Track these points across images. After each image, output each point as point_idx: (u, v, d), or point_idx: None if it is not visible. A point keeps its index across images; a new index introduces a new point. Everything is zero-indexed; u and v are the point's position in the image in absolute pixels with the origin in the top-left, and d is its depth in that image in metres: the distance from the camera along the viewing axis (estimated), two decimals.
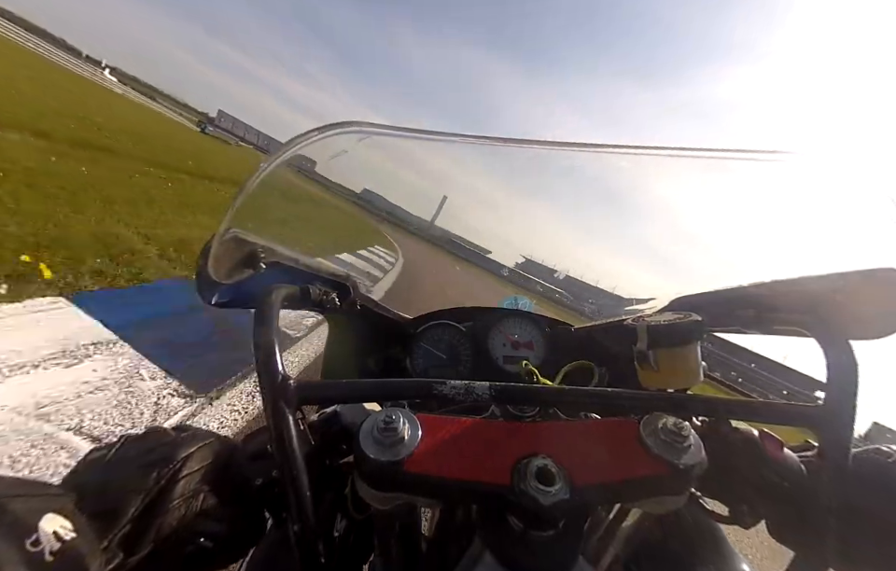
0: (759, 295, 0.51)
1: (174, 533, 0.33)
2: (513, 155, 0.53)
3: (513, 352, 0.81)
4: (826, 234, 0.55)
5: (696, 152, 0.52)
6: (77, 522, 0.28)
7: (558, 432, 0.38)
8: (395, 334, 0.83)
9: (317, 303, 0.57)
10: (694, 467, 0.35)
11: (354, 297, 0.67)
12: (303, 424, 0.43)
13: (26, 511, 0.26)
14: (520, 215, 0.76)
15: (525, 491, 0.32)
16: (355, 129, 0.48)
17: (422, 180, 0.71)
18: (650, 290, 0.76)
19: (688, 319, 0.49)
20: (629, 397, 0.40)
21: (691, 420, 0.44)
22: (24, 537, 0.24)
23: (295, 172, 0.51)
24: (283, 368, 0.36)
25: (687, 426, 0.36)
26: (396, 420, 0.36)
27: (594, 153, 0.53)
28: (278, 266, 0.55)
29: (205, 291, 0.50)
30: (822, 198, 0.53)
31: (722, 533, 0.59)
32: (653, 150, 0.52)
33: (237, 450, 0.40)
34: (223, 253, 0.49)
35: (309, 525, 0.32)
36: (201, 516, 0.35)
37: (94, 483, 0.32)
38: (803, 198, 0.55)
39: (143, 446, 0.35)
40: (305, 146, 0.47)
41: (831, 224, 0.54)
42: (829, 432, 0.37)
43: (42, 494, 0.28)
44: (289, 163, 0.47)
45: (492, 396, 0.39)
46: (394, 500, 0.36)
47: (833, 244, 0.52)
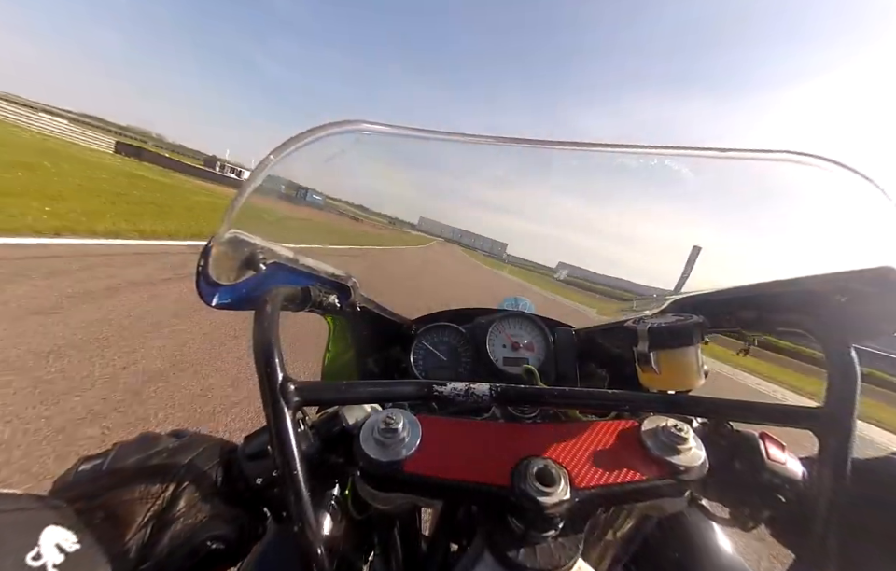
0: (759, 295, 0.51)
1: (181, 539, 0.33)
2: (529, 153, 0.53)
3: (514, 353, 0.81)
4: (826, 234, 0.55)
5: (696, 152, 0.52)
6: (81, 535, 0.27)
7: (558, 433, 0.38)
8: (395, 335, 0.83)
9: (318, 304, 0.56)
10: (695, 470, 0.35)
11: (354, 298, 0.67)
12: (304, 425, 0.43)
13: (24, 525, 0.25)
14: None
15: (525, 492, 0.32)
16: (351, 127, 0.48)
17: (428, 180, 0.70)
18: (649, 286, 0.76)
19: (689, 320, 0.49)
20: (630, 399, 0.40)
21: (691, 422, 0.44)
22: (25, 552, 0.23)
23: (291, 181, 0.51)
24: (283, 369, 0.36)
25: (688, 428, 0.36)
26: (396, 420, 0.36)
27: (594, 152, 0.53)
28: (278, 267, 0.55)
29: (205, 292, 0.50)
30: (823, 198, 0.52)
31: (723, 535, 0.58)
32: (654, 150, 0.52)
33: (237, 450, 0.41)
34: (223, 254, 0.49)
35: (309, 525, 0.32)
36: (206, 520, 0.35)
37: (96, 494, 0.31)
38: (803, 198, 0.55)
39: (140, 453, 0.35)
40: (305, 146, 0.47)
41: (831, 224, 0.54)
42: (829, 433, 0.36)
43: (37, 507, 0.27)
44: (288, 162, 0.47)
45: (492, 397, 0.39)
46: (394, 500, 0.36)
47: (833, 245, 0.52)
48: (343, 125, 0.48)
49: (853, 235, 0.50)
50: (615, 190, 0.57)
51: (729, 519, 0.44)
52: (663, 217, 0.67)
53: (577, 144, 0.53)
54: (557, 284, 1.42)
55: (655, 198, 0.58)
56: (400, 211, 0.96)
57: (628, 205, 0.62)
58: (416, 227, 6.45)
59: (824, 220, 0.54)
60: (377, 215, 1.29)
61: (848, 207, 0.49)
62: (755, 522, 0.42)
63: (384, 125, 0.51)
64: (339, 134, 0.48)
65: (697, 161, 0.53)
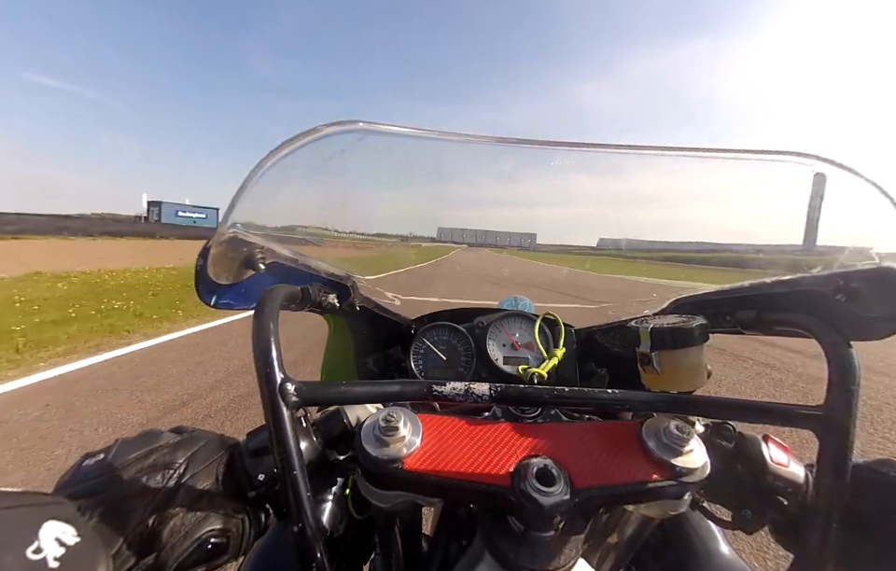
0: (760, 295, 0.51)
1: (182, 533, 0.33)
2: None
3: (514, 353, 0.80)
4: (827, 234, 0.54)
5: (696, 152, 0.52)
6: (82, 529, 0.27)
7: (559, 434, 0.38)
8: (395, 334, 0.83)
9: (317, 303, 0.56)
10: (696, 472, 0.34)
11: (353, 297, 0.67)
12: (305, 423, 0.43)
13: (24, 520, 0.25)
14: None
15: (525, 492, 0.31)
16: (351, 128, 0.48)
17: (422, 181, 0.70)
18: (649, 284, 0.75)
19: (692, 321, 0.48)
20: (630, 399, 0.40)
21: (693, 423, 0.43)
22: (25, 546, 0.24)
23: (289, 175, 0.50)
24: (282, 369, 0.36)
25: (689, 430, 0.36)
26: (397, 419, 0.36)
27: (594, 152, 0.53)
28: (277, 266, 0.55)
29: (204, 292, 0.50)
30: (823, 198, 0.52)
31: (724, 537, 0.58)
32: (654, 150, 0.52)
33: (240, 446, 0.41)
34: (222, 253, 0.49)
35: (309, 524, 0.32)
36: (207, 515, 0.35)
37: (97, 488, 0.31)
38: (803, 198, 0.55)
39: (141, 449, 0.35)
40: (304, 145, 0.47)
41: (831, 224, 0.54)
42: (830, 433, 0.36)
43: (37, 503, 0.27)
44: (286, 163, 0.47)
45: (492, 397, 0.39)
46: (394, 499, 0.36)
47: (833, 245, 0.52)
48: (345, 124, 0.48)
49: (853, 235, 0.50)
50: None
51: (731, 522, 0.44)
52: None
53: (578, 145, 0.52)
54: (608, 258, 1.33)
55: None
56: (414, 225, 0.94)
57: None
58: (436, 239, 6.44)
59: (824, 219, 0.54)
60: (382, 236, 1.17)
61: (848, 206, 0.49)
62: (757, 524, 0.42)
63: (384, 124, 0.51)
64: (339, 134, 0.48)
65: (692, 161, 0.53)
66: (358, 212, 0.68)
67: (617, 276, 1.70)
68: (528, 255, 1.32)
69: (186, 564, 0.33)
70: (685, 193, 0.61)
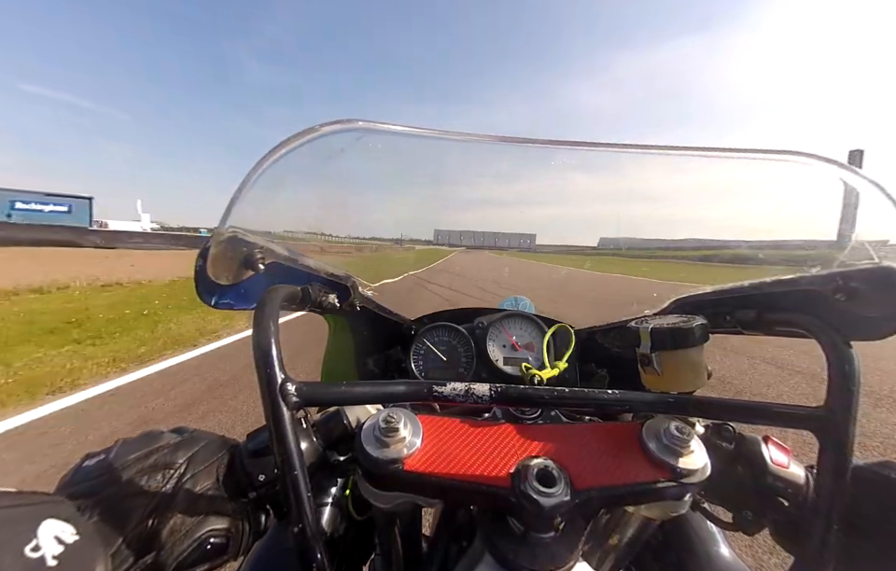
0: (760, 295, 0.51)
1: (182, 533, 0.33)
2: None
3: (514, 353, 0.80)
4: (827, 234, 0.54)
5: (696, 152, 0.52)
6: (81, 527, 0.27)
7: (559, 434, 0.38)
8: (395, 335, 0.83)
9: (317, 304, 0.56)
10: (697, 473, 0.34)
11: (353, 297, 0.67)
12: (305, 424, 0.43)
13: (22, 519, 0.25)
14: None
15: (525, 492, 0.31)
16: (350, 127, 0.48)
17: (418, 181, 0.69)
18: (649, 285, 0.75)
19: (692, 321, 0.48)
20: (630, 400, 0.40)
21: (694, 424, 0.43)
22: (23, 544, 0.24)
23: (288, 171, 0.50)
24: (282, 369, 0.36)
25: (690, 431, 0.36)
26: (397, 420, 0.36)
27: (594, 151, 0.53)
28: (277, 266, 0.55)
29: (204, 292, 0.50)
30: (823, 198, 0.52)
31: (725, 538, 0.58)
32: (655, 149, 0.52)
33: (240, 447, 0.41)
34: (221, 254, 0.49)
35: (309, 525, 0.32)
36: (207, 516, 0.35)
37: (97, 488, 0.31)
38: (803, 197, 0.55)
39: (142, 449, 0.35)
40: (304, 144, 0.47)
41: (831, 224, 0.54)
42: (830, 433, 0.36)
43: (36, 501, 0.27)
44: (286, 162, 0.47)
45: (492, 397, 0.39)
46: (395, 500, 0.36)
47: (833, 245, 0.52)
48: (344, 123, 0.47)
49: (852, 234, 0.50)
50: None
51: (731, 523, 0.44)
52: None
53: (578, 143, 0.52)
54: (608, 257, 1.28)
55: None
56: (411, 227, 0.93)
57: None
58: (433, 242, 6.36)
59: (823, 219, 0.54)
60: (377, 240, 1.10)
61: (848, 206, 0.49)
62: (757, 525, 0.42)
63: (383, 123, 0.50)
64: (338, 133, 0.48)
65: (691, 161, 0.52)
66: (356, 212, 0.68)
67: (614, 275, 1.68)
68: (528, 256, 1.32)
69: (185, 564, 0.33)
70: (686, 191, 0.61)
